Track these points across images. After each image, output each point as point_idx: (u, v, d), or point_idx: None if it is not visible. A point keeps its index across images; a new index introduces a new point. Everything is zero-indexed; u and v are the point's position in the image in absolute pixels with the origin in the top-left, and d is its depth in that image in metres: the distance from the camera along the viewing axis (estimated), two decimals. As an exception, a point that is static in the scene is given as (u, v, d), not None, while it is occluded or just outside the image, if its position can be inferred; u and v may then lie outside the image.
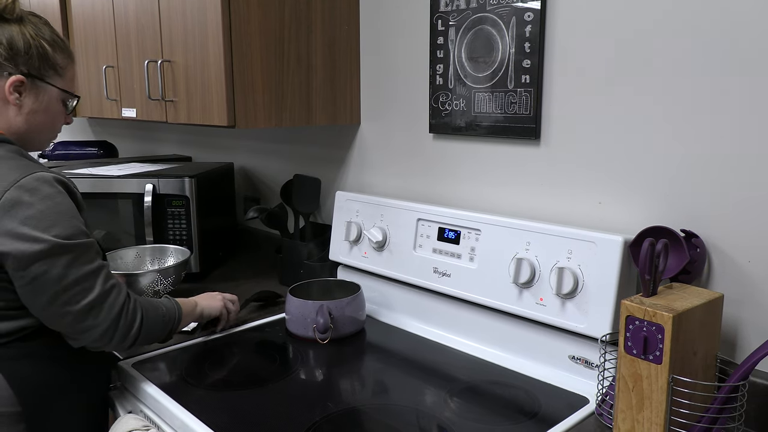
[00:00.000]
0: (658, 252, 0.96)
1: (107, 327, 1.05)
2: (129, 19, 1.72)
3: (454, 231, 1.37)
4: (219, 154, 2.34)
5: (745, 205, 1.04)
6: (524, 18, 1.28)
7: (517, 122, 1.32)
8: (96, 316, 1.04)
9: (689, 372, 0.94)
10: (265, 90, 1.47)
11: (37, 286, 1.00)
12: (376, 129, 1.67)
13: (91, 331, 1.04)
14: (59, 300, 1.01)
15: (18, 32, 1.07)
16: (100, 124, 3.08)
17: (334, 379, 1.22)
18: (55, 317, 1.03)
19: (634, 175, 1.18)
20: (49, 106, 1.13)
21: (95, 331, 1.05)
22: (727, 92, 1.04)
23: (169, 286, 1.55)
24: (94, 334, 1.05)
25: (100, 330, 1.05)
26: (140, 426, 1.10)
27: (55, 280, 1.00)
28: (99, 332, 1.05)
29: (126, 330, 1.08)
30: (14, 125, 1.10)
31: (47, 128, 1.16)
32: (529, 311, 1.22)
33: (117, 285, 1.08)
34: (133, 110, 1.78)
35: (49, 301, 1.01)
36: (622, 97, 1.17)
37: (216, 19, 1.39)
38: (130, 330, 1.08)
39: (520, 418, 1.05)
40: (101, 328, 1.05)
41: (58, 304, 1.01)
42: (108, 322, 1.05)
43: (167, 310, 1.20)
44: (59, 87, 1.14)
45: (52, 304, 1.01)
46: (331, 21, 1.58)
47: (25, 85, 1.08)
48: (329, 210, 1.84)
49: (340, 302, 1.38)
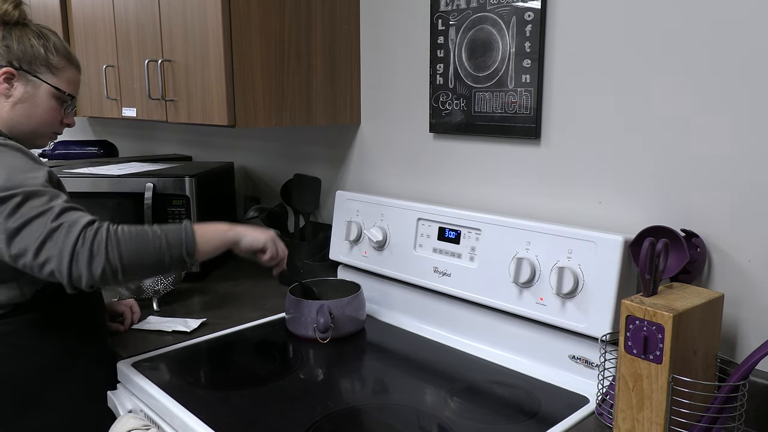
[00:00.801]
0: (658, 252, 0.96)
1: (64, 254, 1.00)
2: (129, 18, 1.72)
3: (454, 231, 1.37)
4: (219, 154, 2.34)
5: (745, 205, 1.04)
6: (524, 18, 1.28)
7: (517, 122, 1.32)
8: (49, 248, 1.01)
9: (689, 372, 0.94)
10: (265, 89, 1.47)
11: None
12: (376, 128, 1.67)
13: (51, 262, 1.01)
14: (11, 250, 1.01)
15: (17, 33, 1.16)
16: (101, 124, 3.08)
17: (335, 378, 1.22)
18: (20, 262, 1.02)
19: (634, 174, 1.18)
20: (35, 99, 1.17)
21: (54, 261, 1.01)
22: (728, 92, 1.04)
23: (169, 286, 1.56)
24: (53, 264, 1.01)
25: (57, 260, 1.00)
26: (140, 425, 1.10)
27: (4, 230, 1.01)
28: (57, 262, 1.00)
29: (89, 255, 1.01)
30: (3, 115, 1.16)
31: (35, 121, 1.18)
32: (529, 311, 1.22)
33: (72, 221, 1.03)
34: (134, 110, 1.78)
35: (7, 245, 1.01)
36: (622, 97, 1.17)
37: (216, 18, 1.39)
38: (94, 255, 1.01)
39: (520, 417, 1.05)
40: (59, 257, 1.00)
41: (11, 254, 1.01)
42: (63, 250, 1.00)
43: (163, 231, 1.09)
44: (50, 83, 1.18)
45: (10, 248, 1.01)
46: (331, 21, 1.58)
47: (16, 77, 1.15)
48: (329, 210, 1.84)
49: (340, 302, 1.38)
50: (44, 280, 1.03)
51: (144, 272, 1.10)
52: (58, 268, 1.00)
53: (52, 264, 1.00)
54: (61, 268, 1.00)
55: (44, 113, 1.19)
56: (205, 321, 1.48)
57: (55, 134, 1.24)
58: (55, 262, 1.00)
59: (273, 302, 1.62)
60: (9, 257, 1.02)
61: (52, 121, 1.21)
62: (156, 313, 1.53)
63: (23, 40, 1.16)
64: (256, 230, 1.23)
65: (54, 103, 1.20)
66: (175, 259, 1.09)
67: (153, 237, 1.07)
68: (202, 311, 1.56)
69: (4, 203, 1.00)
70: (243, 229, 1.20)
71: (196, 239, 1.11)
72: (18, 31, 1.16)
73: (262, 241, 1.22)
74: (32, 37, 1.17)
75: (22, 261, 1.01)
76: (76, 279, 1.01)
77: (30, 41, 1.16)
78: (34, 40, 1.17)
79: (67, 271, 1.00)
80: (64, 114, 1.23)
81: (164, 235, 1.08)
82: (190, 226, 1.12)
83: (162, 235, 1.08)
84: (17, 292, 1.12)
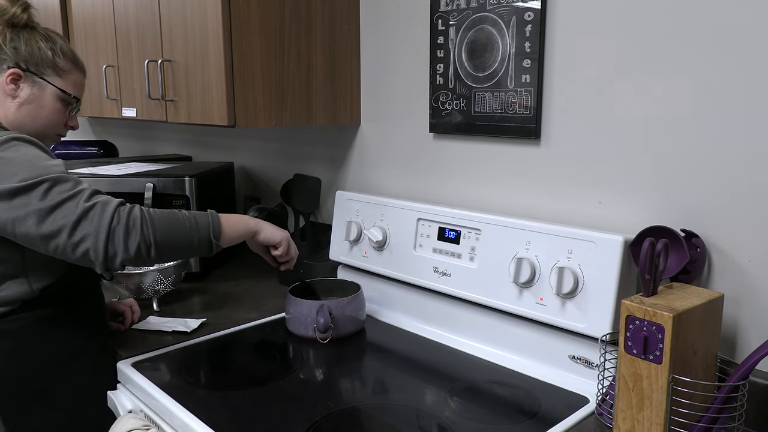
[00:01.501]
0: (658, 252, 0.96)
1: (100, 232, 1.02)
2: (129, 18, 1.72)
3: (454, 231, 1.37)
4: (219, 154, 2.34)
5: (745, 205, 1.04)
6: (524, 18, 1.28)
7: (517, 122, 1.32)
8: (85, 226, 1.02)
9: (689, 372, 0.94)
10: (265, 89, 1.47)
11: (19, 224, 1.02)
12: (376, 129, 1.67)
13: (87, 240, 1.01)
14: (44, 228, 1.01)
15: (25, 36, 1.17)
16: (101, 124, 3.08)
17: (334, 378, 1.22)
18: (52, 245, 1.02)
19: (634, 174, 1.18)
20: (41, 100, 1.18)
21: (90, 239, 1.01)
22: (728, 92, 1.04)
23: (169, 286, 1.56)
24: (89, 243, 1.02)
25: (94, 238, 1.01)
26: (140, 425, 1.10)
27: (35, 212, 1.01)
28: (93, 240, 1.01)
29: (125, 231, 1.03)
30: (9, 115, 1.17)
31: (41, 122, 1.19)
32: (529, 311, 1.22)
33: (105, 201, 1.05)
34: (134, 110, 1.78)
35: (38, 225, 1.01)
36: (622, 97, 1.17)
37: (216, 18, 1.39)
38: (130, 231, 1.04)
39: (520, 417, 1.05)
40: (95, 235, 1.01)
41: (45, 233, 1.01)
42: (100, 227, 1.02)
43: (191, 214, 1.14)
44: (56, 85, 1.19)
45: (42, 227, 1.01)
46: (331, 21, 1.58)
47: (23, 79, 1.16)
48: (329, 210, 1.84)
49: (340, 302, 1.38)
50: (74, 262, 1.04)
51: (174, 251, 1.12)
52: (94, 246, 1.01)
53: (87, 242, 1.01)
54: (97, 246, 1.01)
55: (49, 115, 1.20)
56: (205, 321, 1.48)
57: (58, 136, 1.25)
58: (92, 240, 1.01)
59: (273, 302, 1.62)
60: (40, 239, 1.02)
61: (56, 123, 1.22)
62: (156, 313, 1.53)
63: (31, 42, 1.17)
64: (273, 226, 1.29)
65: (59, 105, 1.21)
66: (203, 241, 1.13)
67: (183, 218, 1.12)
68: (202, 311, 1.56)
69: (34, 189, 1.02)
70: (263, 222, 1.27)
71: (222, 224, 1.16)
72: (26, 33, 1.18)
73: (278, 237, 1.28)
74: (40, 39, 1.18)
75: (54, 242, 1.02)
76: (111, 257, 1.03)
77: (38, 44, 1.18)
78: (42, 42, 1.18)
79: (104, 249, 1.02)
80: (68, 116, 1.24)
81: (193, 218, 1.13)
82: (215, 212, 1.17)
83: (191, 217, 1.13)
84: (26, 288, 1.12)
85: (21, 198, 1.01)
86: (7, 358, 1.12)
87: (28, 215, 1.01)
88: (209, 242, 1.14)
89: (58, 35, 1.23)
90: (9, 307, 1.11)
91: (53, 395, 1.16)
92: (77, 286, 1.21)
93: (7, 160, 1.04)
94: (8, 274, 1.11)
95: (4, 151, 1.05)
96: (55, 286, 1.15)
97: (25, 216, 1.01)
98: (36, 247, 1.04)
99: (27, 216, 1.01)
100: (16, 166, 1.03)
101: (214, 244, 1.15)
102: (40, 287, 1.13)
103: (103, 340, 1.28)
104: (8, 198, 1.01)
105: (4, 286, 1.11)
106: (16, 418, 1.13)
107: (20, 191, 1.01)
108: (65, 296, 1.18)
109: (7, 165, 1.03)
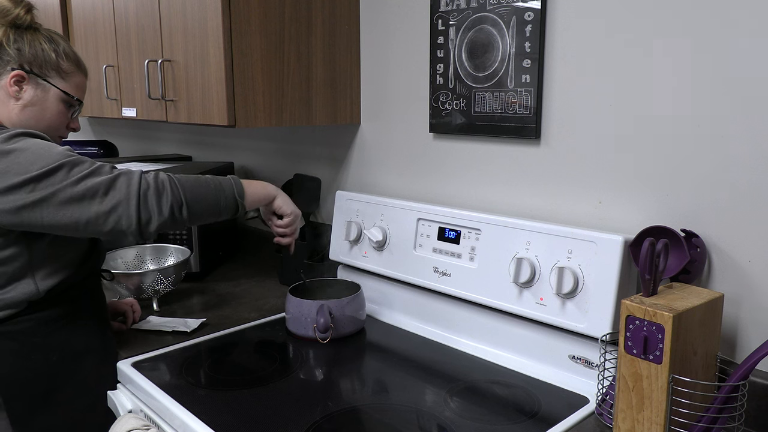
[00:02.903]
0: (658, 252, 0.96)
1: (131, 198, 1.05)
2: (129, 18, 1.72)
3: (454, 231, 1.37)
4: (219, 154, 2.34)
5: (745, 205, 1.04)
6: (524, 18, 1.28)
7: (518, 122, 1.32)
8: (115, 194, 1.04)
9: (689, 372, 0.94)
10: (265, 89, 1.47)
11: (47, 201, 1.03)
12: (376, 129, 1.67)
13: (119, 208, 1.04)
14: (73, 203, 1.03)
15: (28, 37, 1.17)
16: (101, 124, 3.08)
17: (335, 378, 1.22)
18: (83, 218, 1.04)
19: (634, 174, 1.18)
20: (45, 102, 1.19)
21: (122, 207, 1.04)
22: (728, 92, 1.04)
23: (169, 286, 1.56)
24: (120, 210, 1.04)
25: (125, 204, 1.04)
26: (140, 425, 1.10)
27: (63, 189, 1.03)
28: (125, 207, 1.04)
29: (156, 194, 1.07)
30: (13, 117, 1.17)
31: (44, 124, 1.19)
32: (529, 311, 1.22)
33: (127, 170, 1.09)
34: (134, 110, 1.78)
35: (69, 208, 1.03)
36: (622, 97, 1.17)
37: (216, 18, 1.39)
38: (161, 192, 1.07)
39: (520, 417, 1.05)
40: (126, 201, 1.04)
41: (75, 207, 1.03)
42: (130, 194, 1.05)
43: (213, 177, 1.19)
44: (59, 87, 1.20)
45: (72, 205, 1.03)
46: (331, 21, 1.58)
47: (26, 80, 1.17)
48: (329, 210, 1.84)
49: (340, 302, 1.38)
50: (106, 236, 1.07)
51: (204, 211, 1.14)
52: (126, 213, 1.04)
53: (119, 210, 1.04)
54: (129, 213, 1.04)
55: (52, 117, 1.20)
56: (205, 321, 1.48)
57: (60, 138, 1.26)
58: (123, 207, 1.04)
59: (273, 302, 1.62)
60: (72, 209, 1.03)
61: (59, 124, 1.22)
62: (156, 313, 1.53)
63: (34, 44, 1.17)
64: (288, 199, 1.33)
65: (62, 107, 1.21)
66: (229, 200, 1.17)
67: (207, 179, 1.16)
68: (202, 311, 1.56)
69: (56, 172, 1.03)
70: (280, 191, 1.31)
71: (244, 185, 1.21)
72: (29, 35, 1.18)
73: (289, 209, 1.32)
74: (43, 41, 1.18)
75: (86, 216, 1.03)
76: (146, 222, 1.06)
77: (41, 45, 1.18)
78: (45, 44, 1.18)
79: (136, 215, 1.05)
80: (70, 118, 1.24)
81: (216, 180, 1.18)
82: (235, 176, 1.22)
83: (214, 179, 1.17)
84: (33, 288, 1.12)
85: (45, 181, 1.03)
86: (14, 360, 1.12)
87: (55, 193, 1.03)
88: (234, 201, 1.18)
89: (61, 37, 1.23)
90: (15, 309, 1.11)
91: (60, 396, 1.16)
92: (80, 286, 1.21)
93: (22, 150, 1.05)
94: (15, 275, 1.11)
95: (16, 143, 1.05)
96: (60, 286, 1.15)
97: (52, 194, 1.03)
98: (65, 225, 1.04)
99: (54, 194, 1.03)
100: (33, 155, 1.04)
101: (239, 203, 1.19)
102: (46, 288, 1.13)
103: (106, 340, 1.28)
104: (33, 184, 1.02)
105: (10, 288, 1.11)
106: (24, 419, 1.13)
107: (44, 176, 1.03)
108: (70, 296, 1.18)
109: (23, 154, 1.04)
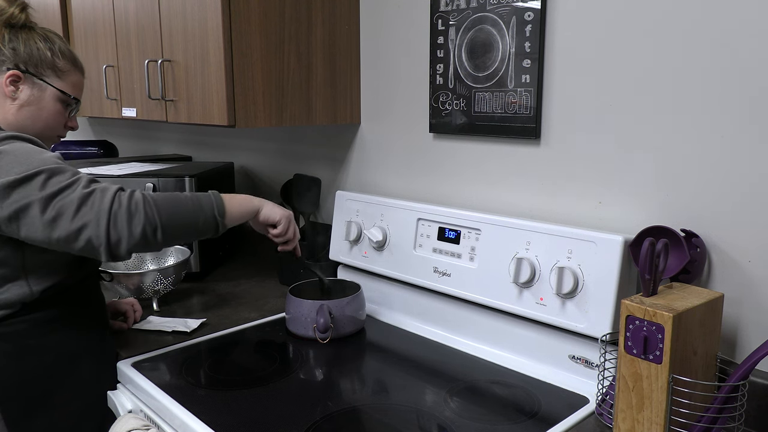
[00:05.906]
0: (658, 252, 0.96)
1: (101, 217, 1.00)
2: (129, 18, 1.72)
3: (454, 231, 1.37)
4: (219, 154, 2.34)
5: (745, 205, 1.04)
6: (524, 18, 1.28)
7: (517, 122, 1.32)
8: (87, 213, 1.00)
9: (689, 372, 0.94)
10: (265, 90, 1.47)
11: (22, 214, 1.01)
12: (376, 129, 1.67)
13: (88, 227, 1.00)
14: (46, 215, 1.00)
15: (23, 36, 1.16)
16: (101, 124, 3.08)
17: (334, 378, 1.22)
18: (54, 236, 1.01)
19: (634, 174, 1.18)
20: (41, 102, 1.18)
21: (91, 226, 1.00)
22: (728, 92, 1.04)
23: (169, 286, 1.55)
24: (90, 230, 1.00)
25: (95, 223, 1.00)
26: (140, 425, 1.10)
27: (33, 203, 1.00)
28: (94, 227, 1.00)
29: (127, 215, 1.02)
30: (9, 117, 1.16)
31: (41, 124, 1.19)
32: (529, 311, 1.22)
33: (103, 187, 1.04)
34: (134, 110, 1.78)
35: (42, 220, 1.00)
36: (622, 97, 1.17)
37: (216, 18, 1.39)
38: (133, 214, 1.02)
39: (520, 417, 1.05)
40: (96, 221, 1.00)
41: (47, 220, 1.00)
42: (101, 213, 1.01)
43: (193, 194, 1.13)
44: (56, 86, 1.19)
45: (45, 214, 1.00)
46: (331, 21, 1.58)
47: (22, 80, 1.16)
48: (329, 210, 1.84)
49: (340, 302, 1.38)
50: (78, 253, 1.03)
51: (180, 232, 1.10)
52: (95, 233, 1.00)
53: (89, 230, 1.00)
54: (98, 233, 1.00)
55: (49, 116, 1.20)
56: (205, 321, 1.48)
57: (58, 137, 1.25)
58: (93, 227, 1.00)
59: (273, 302, 1.62)
60: (42, 228, 1.00)
61: (56, 124, 1.22)
62: (156, 313, 1.53)
63: (29, 43, 1.16)
64: (275, 205, 1.27)
65: (59, 107, 1.20)
66: (209, 220, 1.11)
67: (185, 198, 1.10)
68: (202, 311, 1.56)
69: (32, 180, 1.01)
70: (264, 201, 1.26)
71: (225, 203, 1.15)
72: (24, 34, 1.17)
73: (278, 215, 1.26)
74: (38, 40, 1.17)
75: (57, 232, 1.00)
76: (115, 244, 1.01)
77: (36, 44, 1.17)
78: (41, 43, 1.17)
79: (105, 235, 1.00)
80: (68, 117, 1.24)
81: (195, 198, 1.12)
82: (216, 192, 1.16)
83: (193, 197, 1.12)
84: (26, 290, 1.11)
85: (20, 189, 1.01)
86: (8, 361, 1.11)
87: (30, 205, 1.00)
88: (214, 221, 1.12)
89: (57, 35, 1.22)
90: (9, 310, 1.11)
91: (56, 397, 1.16)
92: (77, 287, 1.20)
93: (7, 153, 1.04)
94: (8, 276, 1.10)
95: (3, 146, 1.04)
96: (55, 287, 1.15)
97: (27, 206, 1.00)
98: (39, 240, 1.03)
99: (29, 206, 1.00)
100: (13, 160, 1.03)
101: (220, 222, 1.13)
102: (40, 289, 1.12)
103: (104, 340, 1.28)
104: (8, 190, 1.01)
105: (3, 289, 1.10)
106: (20, 422, 1.12)
107: (19, 183, 1.01)
108: (65, 298, 1.17)
109: (7, 158, 1.03)
